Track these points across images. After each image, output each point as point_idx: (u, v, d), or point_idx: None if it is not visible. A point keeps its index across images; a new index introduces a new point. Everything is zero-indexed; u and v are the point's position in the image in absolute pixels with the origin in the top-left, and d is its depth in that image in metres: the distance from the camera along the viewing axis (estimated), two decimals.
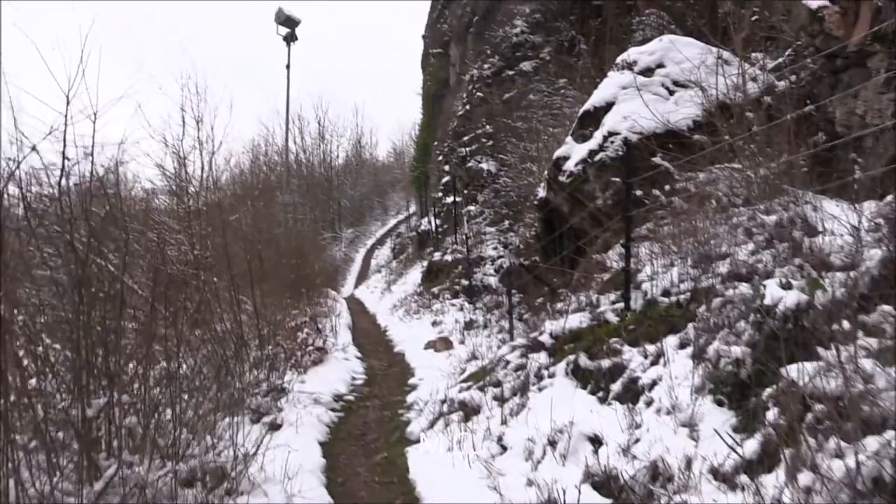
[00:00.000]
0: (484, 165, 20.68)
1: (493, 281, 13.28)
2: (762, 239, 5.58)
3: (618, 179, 8.91)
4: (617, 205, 9.02)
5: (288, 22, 25.09)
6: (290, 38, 25.73)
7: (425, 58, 38.37)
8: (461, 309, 12.59)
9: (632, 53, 9.76)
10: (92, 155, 5.42)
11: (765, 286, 4.36)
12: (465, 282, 13.57)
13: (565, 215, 10.06)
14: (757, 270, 5.12)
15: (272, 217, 25.98)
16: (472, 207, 20.09)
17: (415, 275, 18.51)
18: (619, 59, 9.99)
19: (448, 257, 15.61)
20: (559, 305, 8.94)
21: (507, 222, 15.81)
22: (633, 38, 17.93)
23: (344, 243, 49.79)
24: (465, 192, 21.51)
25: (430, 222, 23.40)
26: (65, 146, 4.96)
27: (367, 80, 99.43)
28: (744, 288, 4.87)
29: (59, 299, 4.92)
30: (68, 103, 4.90)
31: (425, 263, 17.92)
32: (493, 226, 16.48)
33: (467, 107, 24.28)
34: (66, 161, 5.08)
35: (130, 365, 5.20)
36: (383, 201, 58.28)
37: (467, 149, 22.51)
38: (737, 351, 4.23)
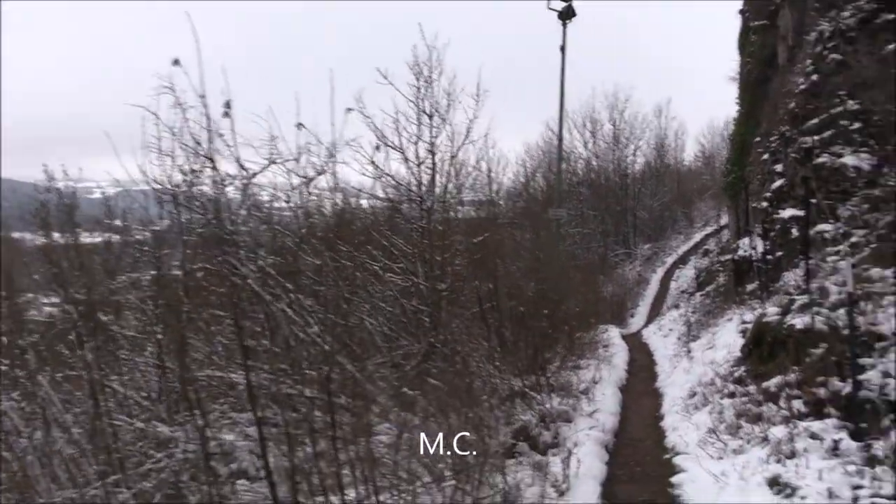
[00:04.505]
0: (848, 160, 13.21)
1: None
2: None
3: None
4: None
5: None
6: (566, 15, 20.69)
7: (743, 36, 31.04)
8: (835, 452, 5.99)
9: None
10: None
11: None
12: (839, 384, 6.81)
13: None
14: None
15: (544, 236, 21.22)
16: (826, 227, 12.80)
17: (729, 334, 11.90)
18: None
19: (796, 321, 8.56)
20: None
21: None
22: None
23: (639, 261, 43.41)
24: (812, 201, 14.17)
25: (751, 246, 16.35)
26: None
27: (667, 73, 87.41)
28: None
29: None
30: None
31: (747, 318, 11.25)
32: (880, 264, 9.28)
33: (813, 77, 16.67)
34: None
35: None
36: (688, 212, 50.16)
37: (815, 137, 15.06)
38: None
